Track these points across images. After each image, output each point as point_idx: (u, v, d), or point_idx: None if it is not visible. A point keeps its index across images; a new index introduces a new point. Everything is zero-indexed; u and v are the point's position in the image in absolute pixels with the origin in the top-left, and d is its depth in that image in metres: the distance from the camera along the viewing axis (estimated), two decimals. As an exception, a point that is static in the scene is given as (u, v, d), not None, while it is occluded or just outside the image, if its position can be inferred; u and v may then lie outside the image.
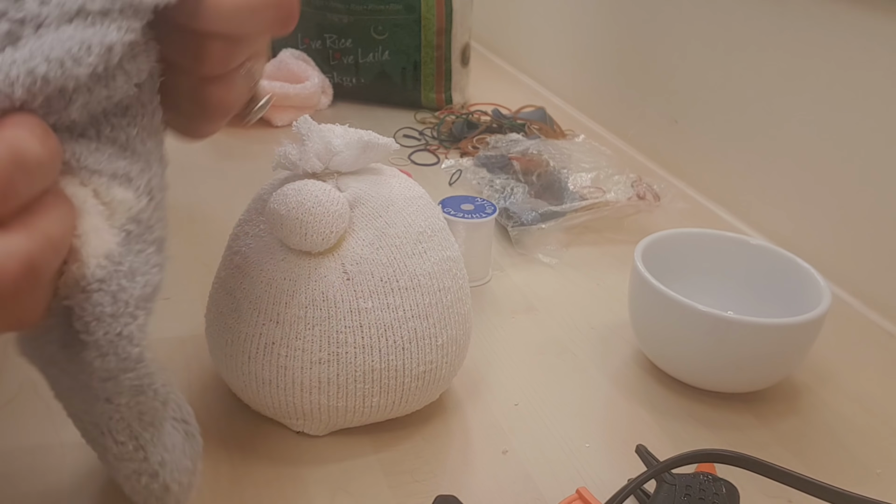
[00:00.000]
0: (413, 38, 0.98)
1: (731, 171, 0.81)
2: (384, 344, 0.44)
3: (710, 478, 0.41)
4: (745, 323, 0.49)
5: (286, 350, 0.44)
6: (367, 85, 1.01)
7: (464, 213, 0.63)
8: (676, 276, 0.56)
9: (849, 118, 0.67)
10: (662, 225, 0.71)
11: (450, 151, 0.90)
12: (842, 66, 0.67)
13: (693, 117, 0.86)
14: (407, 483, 0.44)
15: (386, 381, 0.44)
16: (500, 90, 1.12)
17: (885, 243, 0.65)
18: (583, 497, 0.41)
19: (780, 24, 0.73)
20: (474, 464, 0.46)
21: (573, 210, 0.72)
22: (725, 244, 0.59)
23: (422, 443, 0.48)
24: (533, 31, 1.21)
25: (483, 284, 0.65)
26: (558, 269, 0.68)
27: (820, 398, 0.54)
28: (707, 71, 0.83)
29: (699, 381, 0.53)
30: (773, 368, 0.52)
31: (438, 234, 0.47)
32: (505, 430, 0.49)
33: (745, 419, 0.52)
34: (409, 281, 0.45)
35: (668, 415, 0.52)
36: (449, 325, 0.46)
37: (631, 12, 0.96)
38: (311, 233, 0.42)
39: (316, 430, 0.47)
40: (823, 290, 0.52)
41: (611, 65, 1.01)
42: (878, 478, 0.48)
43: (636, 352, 0.57)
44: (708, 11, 0.82)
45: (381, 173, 0.48)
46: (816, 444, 0.50)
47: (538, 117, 0.96)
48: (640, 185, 0.76)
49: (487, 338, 0.58)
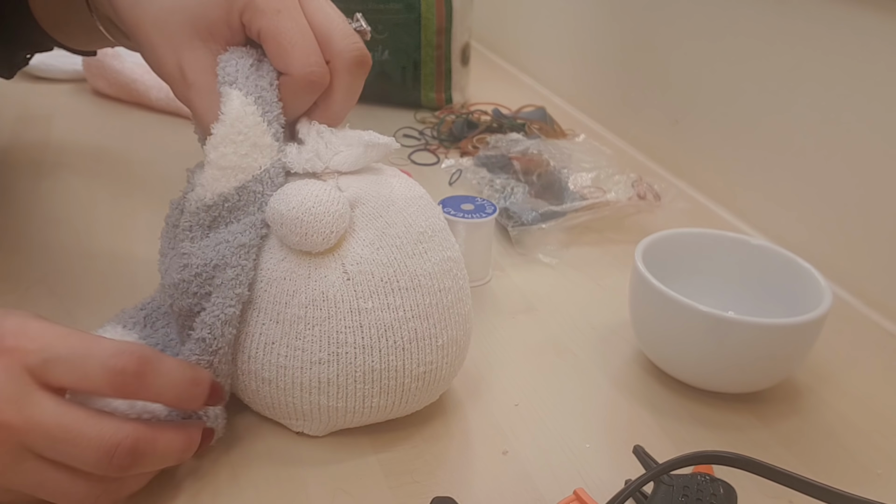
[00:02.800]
0: (413, 37, 0.98)
1: (731, 171, 0.81)
2: (384, 344, 0.44)
3: (707, 478, 0.41)
4: (746, 323, 0.49)
5: (286, 350, 0.43)
6: (366, 84, 1.00)
7: (464, 213, 0.63)
8: (677, 276, 0.56)
9: (849, 118, 0.67)
10: (663, 225, 0.71)
11: (450, 151, 0.90)
12: (843, 66, 0.67)
13: (694, 117, 0.86)
14: (407, 483, 0.44)
15: (386, 381, 0.44)
16: (500, 90, 1.12)
17: (885, 243, 0.65)
18: (580, 498, 0.41)
19: (781, 24, 0.73)
20: (474, 464, 0.46)
21: (573, 210, 0.72)
22: (726, 244, 0.59)
23: (422, 443, 0.47)
24: (533, 30, 1.21)
25: (483, 284, 0.65)
26: (558, 269, 0.68)
27: (821, 398, 0.54)
28: (708, 71, 0.83)
29: (699, 382, 0.53)
30: (773, 369, 0.52)
31: (439, 235, 0.47)
32: (505, 431, 0.49)
33: (746, 419, 0.52)
34: (409, 281, 0.44)
35: (669, 415, 0.52)
36: (449, 325, 0.46)
37: (631, 12, 0.96)
38: (312, 232, 0.42)
39: (315, 431, 0.47)
40: (824, 290, 0.52)
41: (611, 64, 1.01)
42: (878, 478, 0.48)
43: (636, 352, 0.57)
44: (708, 11, 0.82)
45: (381, 173, 0.48)
46: (817, 444, 0.50)
47: (538, 117, 0.96)
48: (641, 184, 0.76)
49: (487, 338, 0.58)
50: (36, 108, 0.93)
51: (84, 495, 0.38)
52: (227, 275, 0.42)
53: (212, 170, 0.43)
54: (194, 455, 0.42)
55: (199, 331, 0.42)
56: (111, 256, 0.64)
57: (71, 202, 0.73)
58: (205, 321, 0.42)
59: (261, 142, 0.44)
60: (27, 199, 0.73)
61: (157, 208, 0.50)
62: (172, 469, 0.44)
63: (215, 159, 0.43)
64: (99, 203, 0.73)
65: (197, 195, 0.44)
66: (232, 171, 0.43)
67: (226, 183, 0.43)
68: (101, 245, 0.66)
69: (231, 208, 0.44)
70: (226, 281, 0.42)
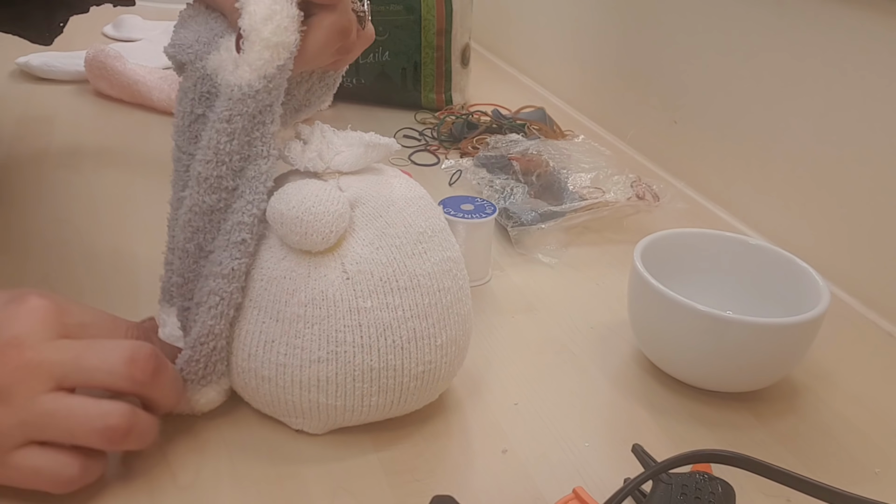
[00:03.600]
0: (413, 38, 0.98)
1: (730, 171, 0.81)
2: (383, 343, 0.44)
3: (706, 477, 0.41)
4: (744, 323, 0.49)
5: (285, 348, 0.44)
6: (367, 85, 1.01)
7: (464, 213, 0.63)
8: (676, 276, 0.56)
9: (848, 118, 0.67)
10: (662, 225, 0.71)
11: (450, 152, 0.90)
12: (841, 66, 0.68)
13: (692, 117, 0.86)
14: (407, 482, 0.45)
15: (384, 380, 0.45)
16: (500, 90, 1.13)
17: (884, 243, 0.65)
18: (579, 496, 0.41)
19: (780, 25, 0.73)
20: (474, 463, 0.47)
21: (573, 210, 0.72)
22: (725, 244, 0.59)
23: (422, 442, 0.48)
24: (533, 31, 1.21)
25: (483, 284, 0.65)
26: (558, 269, 0.69)
27: (819, 398, 0.55)
28: (706, 71, 0.84)
29: (698, 381, 0.53)
30: (772, 368, 0.52)
31: (439, 235, 0.47)
32: (504, 430, 0.49)
33: (744, 418, 0.52)
34: (408, 281, 0.45)
35: (668, 414, 0.52)
36: (448, 325, 0.46)
37: (631, 13, 0.96)
38: (311, 232, 0.42)
39: (315, 429, 0.47)
40: (822, 289, 0.52)
41: (610, 65, 1.02)
42: (876, 477, 0.48)
43: (635, 351, 0.58)
44: (707, 12, 0.83)
45: (382, 173, 0.48)
46: (815, 443, 0.50)
47: (538, 118, 0.96)
48: (640, 185, 0.76)
49: (487, 338, 0.58)
50: (38, 109, 0.94)
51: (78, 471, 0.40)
52: (260, 167, 0.44)
53: (261, 50, 0.42)
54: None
55: (236, 234, 0.44)
56: (113, 256, 0.65)
57: (73, 202, 0.73)
58: (243, 221, 0.44)
59: (289, 21, 0.43)
60: (29, 200, 0.73)
61: (159, 209, 0.51)
62: (172, 467, 0.44)
63: (269, 35, 0.42)
64: (101, 203, 0.73)
65: (239, 78, 0.43)
66: (276, 49, 0.43)
67: (271, 63, 0.43)
68: (102, 245, 0.66)
69: (268, 99, 0.44)
70: (257, 174, 0.44)
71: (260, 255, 0.45)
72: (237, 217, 0.44)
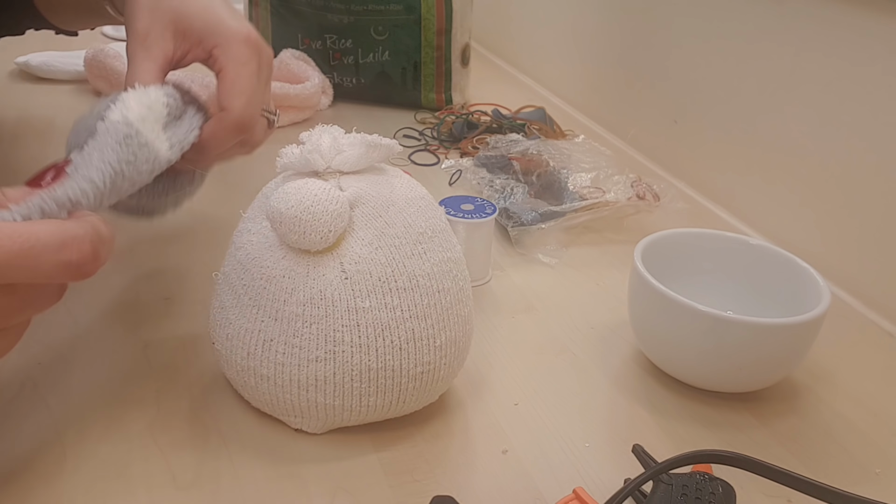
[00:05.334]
0: (413, 38, 0.98)
1: (730, 171, 0.81)
2: (381, 343, 0.44)
3: (706, 477, 0.41)
4: (745, 323, 0.49)
5: (284, 347, 0.44)
6: (367, 85, 1.01)
7: (464, 213, 0.63)
8: (676, 276, 0.56)
9: (848, 118, 0.67)
10: (662, 225, 0.71)
11: (450, 151, 0.90)
12: (842, 65, 0.67)
13: (693, 117, 0.86)
14: (407, 482, 0.44)
15: (383, 380, 0.44)
16: (500, 90, 1.12)
17: (885, 243, 0.65)
18: (580, 497, 0.41)
19: (780, 25, 0.73)
20: (474, 463, 0.47)
21: (573, 210, 0.72)
22: (725, 244, 0.59)
23: (422, 442, 0.48)
24: (533, 31, 1.21)
25: (483, 284, 0.65)
26: (558, 269, 0.68)
27: (819, 398, 0.55)
28: (706, 71, 0.84)
29: (698, 381, 0.53)
30: (772, 368, 0.52)
31: (439, 236, 0.47)
32: (505, 430, 0.49)
33: (745, 419, 0.52)
34: (407, 281, 0.45)
35: (668, 414, 0.52)
36: (448, 326, 0.46)
37: (631, 12, 0.96)
38: (310, 231, 0.42)
39: (313, 428, 0.47)
40: (823, 289, 0.52)
41: (610, 65, 1.01)
42: (876, 478, 0.48)
43: (636, 351, 0.58)
44: (707, 12, 0.82)
45: (383, 173, 0.48)
46: (815, 443, 0.50)
47: (538, 117, 0.96)
48: (640, 185, 0.76)
49: (487, 338, 0.58)
50: (38, 109, 0.94)
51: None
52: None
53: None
54: None
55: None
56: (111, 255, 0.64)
57: (72, 202, 0.73)
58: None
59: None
60: (28, 200, 0.73)
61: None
62: (172, 467, 0.44)
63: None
64: (100, 203, 0.73)
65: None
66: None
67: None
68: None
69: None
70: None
71: (259, 254, 0.45)
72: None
